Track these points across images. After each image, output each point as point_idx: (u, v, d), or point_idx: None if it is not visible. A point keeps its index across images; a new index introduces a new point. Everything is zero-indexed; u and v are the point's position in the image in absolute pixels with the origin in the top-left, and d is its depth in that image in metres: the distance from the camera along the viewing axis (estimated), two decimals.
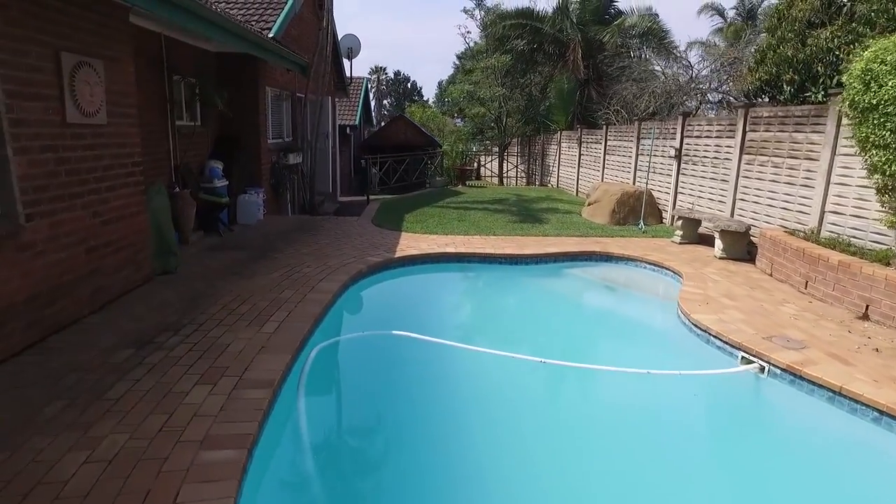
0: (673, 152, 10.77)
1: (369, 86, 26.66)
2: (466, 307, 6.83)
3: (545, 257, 8.00)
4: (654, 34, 16.75)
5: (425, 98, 68.82)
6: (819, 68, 7.76)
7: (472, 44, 21.17)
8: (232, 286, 5.83)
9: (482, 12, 19.56)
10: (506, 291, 7.38)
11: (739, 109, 8.94)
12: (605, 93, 18.30)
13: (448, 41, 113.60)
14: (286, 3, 10.76)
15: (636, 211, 11.07)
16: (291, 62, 9.95)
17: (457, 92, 20.03)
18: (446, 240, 8.66)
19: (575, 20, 17.64)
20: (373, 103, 42.94)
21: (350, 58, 17.23)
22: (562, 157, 17.65)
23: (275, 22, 10.18)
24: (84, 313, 4.79)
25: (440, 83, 69.93)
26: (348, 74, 17.68)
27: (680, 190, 10.72)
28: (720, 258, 8.20)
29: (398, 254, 7.53)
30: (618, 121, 14.89)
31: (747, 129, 8.78)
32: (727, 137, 9.29)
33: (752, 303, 5.99)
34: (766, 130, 8.34)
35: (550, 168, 18.77)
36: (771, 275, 7.28)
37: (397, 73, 71.20)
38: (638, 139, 12.40)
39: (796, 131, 7.74)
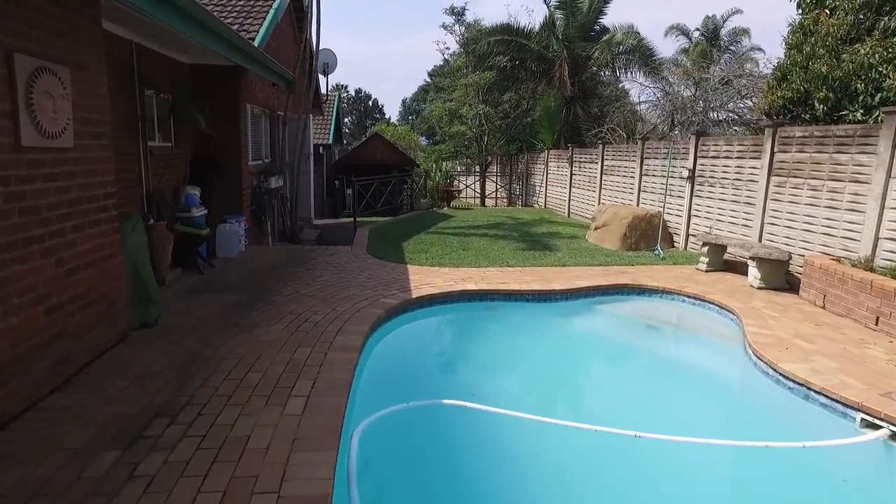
0: (685, 173, 10.20)
1: (339, 103, 25.66)
2: (509, 359, 5.88)
3: (575, 293, 7.18)
4: (640, 51, 16.44)
5: (387, 116, 68.11)
6: (859, 85, 7.27)
7: (450, 60, 20.49)
8: (231, 343, 4.75)
9: (462, 28, 18.96)
10: (546, 336, 6.50)
11: (767, 129, 8.40)
12: (591, 111, 17.89)
13: (409, 60, 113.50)
14: (268, 10, 9.78)
15: (648, 235, 10.42)
16: (278, 75, 8.94)
17: (437, 110, 19.27)
18: (461, 273, 7.75)
19: (560, 36, 17.20)
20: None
21: (326, 73, 16.32)
22: (550, 176, 17.04)
23: (257, 32, 9.18)
24: (44, 393, 3.66)
25: (404, 101, 69.56)
26: (323, 91, 16.75)
27: (694, 213, 10.14)
28: (758, 288, 7.56)
29: (414, 293, 6.56)
30: (614, 140, 14.37)
31: (776, 149, 8.24)
32: (752, 158, 8.75)
33: (833, 345, 5.29)
34: (801, 151, 7.80)
35: (537, 188, 18.14)
36: (824, 307, 6.64)
37: (358, 91, 70.34)
38: (642, 159, 11.84)
39: (838, 152, 7.20)
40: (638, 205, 11.96)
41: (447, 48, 19.83)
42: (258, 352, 4.58)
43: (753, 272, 7.75)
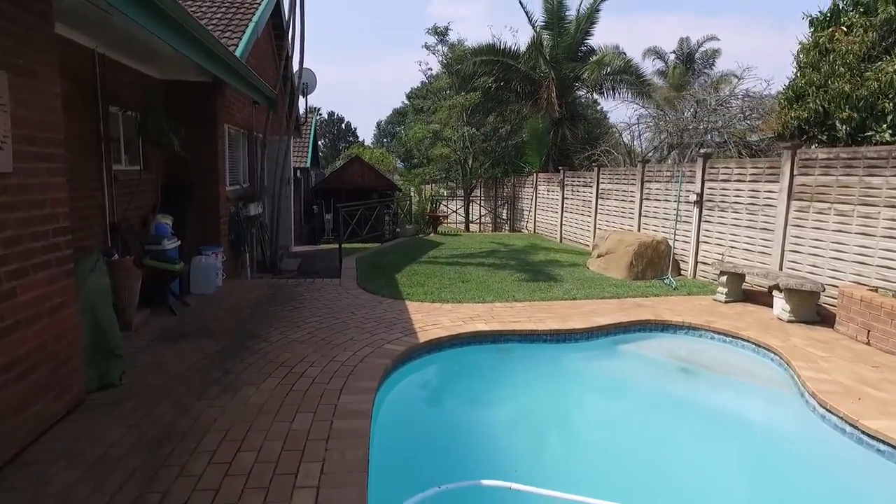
0: (693, 197, 9.70)
1: (316, 126, 24.91)
2: (541, 417, 5.09)
3: (596, 331, 6.48)
4: (628, 72, 16.16)
5: (360, 139, 67.59)
6: (886, 104, 6.85)
7: (432, 80, 19.97)
8: (215, 409, 3.89)
9: (445, 48, 18.48)
10: (575, 386, 5.78)
11: (784, 150, 7.95)
12: (579, 133, 17.51)
13: (381, 84, 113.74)
14: (248, 23, 9.04)
15: (655, 263, 9.86)
16: (260, 92, 8.17)
17: (420, 132, 18.66)
18: (467, 310, 6.99)
19: (548, 57, 16.84)
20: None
21: (305, 94, 15.64)
22: (539, 201, 16.50)
23: (236, 45, 8.42)
24: None
25: (379, 124, 69.18)
26: (302, 112, 16.03)
27: (703, 239, 9.61)
28: (788, 321, 6.98)
29: (421, 335, 5.77)
30: (609, 162, 13.91)
31: (796, 172, 7.77)
32: (768, 181, 8.27)
33: None
34: (825, 174, 7.33)
35: (525, 213, 17.58)
36: (869, 344, 6.07)
37: (331, 114, 69.73)
38: (642, 182, 11.34)
39: (870, 175, 6.73)
40: (639, 230, 11.43)
41: (429, 69, 19.35)
42: (249, 421, 3.73)
43: (781, 304, 7.19)
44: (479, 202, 20.06)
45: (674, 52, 32.11)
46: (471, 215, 19.53)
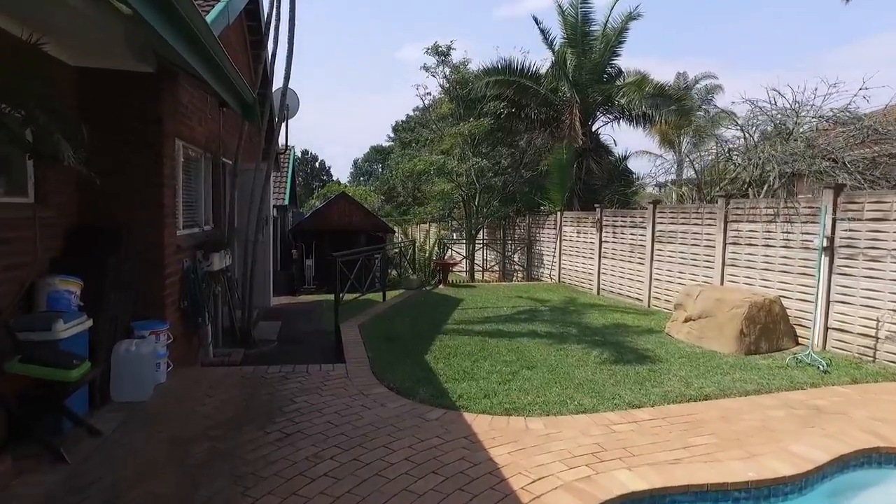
0: (816, 242, 7.22)
1: (295, 159, 22.21)
2: None
3: (811, 477, 3.77)
4: (665, 96, 13.97)
5: (335, 178, 65.21)
6: None
7: (430, 106, 17.51)
8: None
9: (447, 69, 16.12)
10: None
11: None
12: (604, 165, 15.19)
13: (352, 124, 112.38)
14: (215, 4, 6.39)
15: (770, 330, 7.29)
16: (234, 90, 5.40)
17: (420, 164, 16.06)
18: (573, 434, 4.21)
19: (571, 78, 14.58)
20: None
21: (285, 119, 12.99)
22: (565, 244, 13.95)
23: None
24: None
25: (356, 161, 66.88)
26: (281, 141, 13.38)
27: (839, 297, 7.09)
28: None
29: None
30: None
31: None
32: None
33: None
34: None
35: (544, 258, 14.99)
36: None
37: (305, 153, 67.31)
38: (726, 222, 8.87)
39: None
40: (722, 282, 8.91)
41: (428, 93, 16.93)
42: None
43: None
44: (483, 246, 17.41)
45: (670, 86, 30.76)
46: (475, 261, 16.79)
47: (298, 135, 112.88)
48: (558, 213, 14.11)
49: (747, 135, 9.56)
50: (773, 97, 9.85)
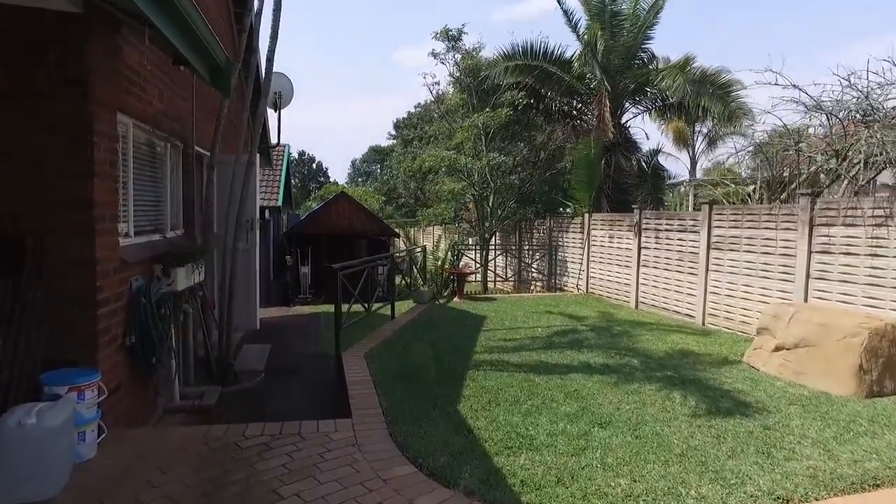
0: None
1: (290, 157, 20.55)
2: None
3: None
4: (711, 82, 12.35)
5: (332, 180, 63.69)
6: None
7: (438, 97, 15.85)
8: None
9: (458, 55, 14.46)
10: None
11: None
12: (632, 162, 13.62)
13: (346, 125, 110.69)
14: None
15: (894, 365, 5.71)
16: (197, 44, 3.75)
17: (429, 161, 14.39)
18: None
19: (600, 61, 12.92)
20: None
21: (277, 108, 11.39)
22: (594, 250, 12.36)
23: None
24: None
25: (353, 162, 65.25)
26: (273, 135, 11.79)
27: None
28: None
29: None
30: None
31: None
32: None
33: None
34: None
35: (568, 265, 13.38)
36: None
37: (302, 154, 65.69)
38: (811, 226, 7.30)
39: None
40: (806, 299, 7.33)
41: (436, 82, 15.28)
42: None
43: None
44: (503, 252, 15.78)
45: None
46: (486, 269, 15.11)
47: (299, 134, 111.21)
48: (586, 215, 12.51)
49: (835, 119, 7.94)
50: (847, 80, 8.28)
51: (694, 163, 31.50)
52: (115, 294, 4.19)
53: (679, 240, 9.77)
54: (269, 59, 6.78)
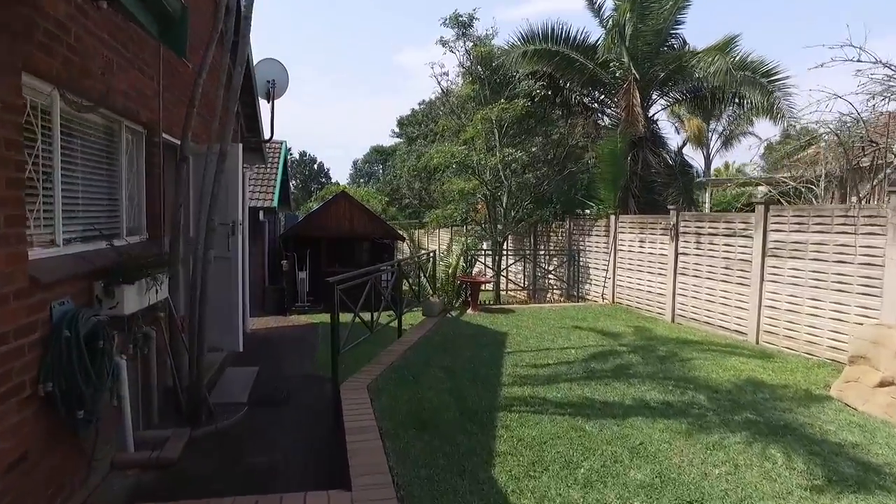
0: None
1: (287, 154, 19.33)
2: None
3: None
4: (752, 69, 11.08)
5: (334, 181, 62.52)
6: None
7: (447, 88, 14.65)
8: None
9: (469, 43, 13.24)
10: None
11: None
12: (661, 158, 12.40)
13: (346, 127, 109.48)
14: None
15: None
16: None
17: (438, 157, 13.17)
18: None
19: (628, 46, 11.67)
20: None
21: (270, 98, 10.29)
22: (620, 255, 11.14)
23: None
24: None
25: (355, 162, 64.04)
26: (266, 128, 10.60)
27: None
28: None
29: None
30: (790, 198, 8.65)
31: None
32: None
33: None
34: None
35: (590, 272, 12.15)
36: None
37: (303, 154, 64.50)
38: None
39: None
40: None
41: (444, 73, 14.08)
42: None
43: None
44: (521, 259, 14.53)
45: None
46: (498, 276, 13.86)
47: (299, 134, 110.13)
48: (611, 217, 11.29)
49: None
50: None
51: (708, 163, 30.27)
52: (20, 327, 3.00)
53: (726, 245, 8.54)
54: (247, 18, 5.58)
